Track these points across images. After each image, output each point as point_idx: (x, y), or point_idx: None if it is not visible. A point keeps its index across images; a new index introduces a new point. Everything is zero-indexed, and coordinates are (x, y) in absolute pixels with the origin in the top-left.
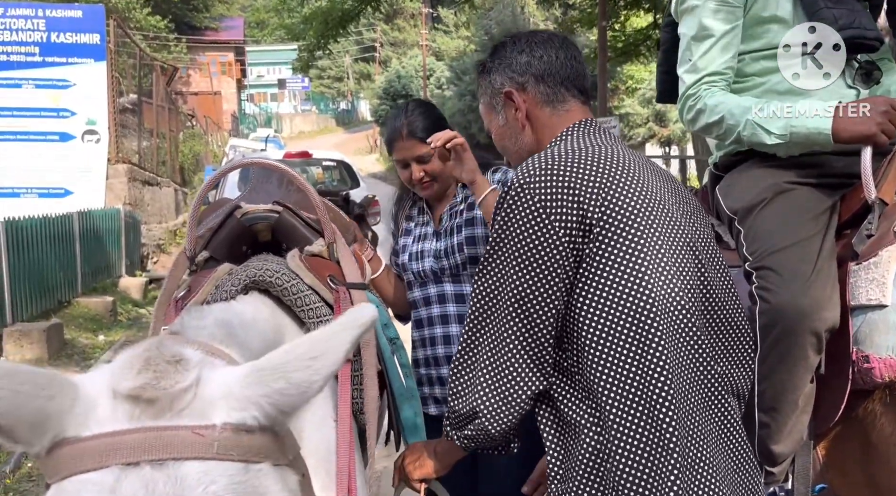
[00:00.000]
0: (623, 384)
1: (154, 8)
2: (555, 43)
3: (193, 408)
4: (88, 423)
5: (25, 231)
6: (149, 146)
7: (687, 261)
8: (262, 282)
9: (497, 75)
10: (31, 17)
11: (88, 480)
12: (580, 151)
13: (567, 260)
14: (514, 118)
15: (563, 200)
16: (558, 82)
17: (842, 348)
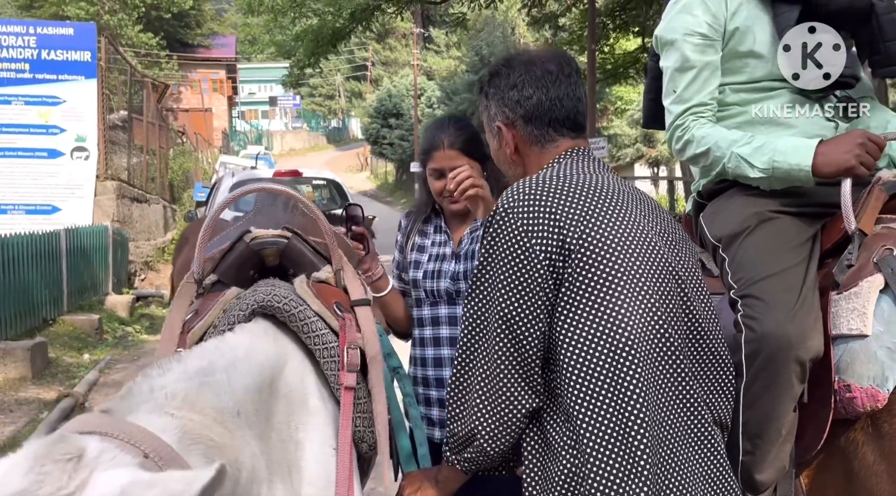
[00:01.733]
0: (596, 409)
1: (146, 25)
2: (549, 79)
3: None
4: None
5: (11, 248)
6: (138, 163)
7: (669, 287)
8: (270, 307)
9: (492, 104)
10: (21, 34)
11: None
12: (563, 179)
13: (547, 282)
14: (504, 149)
15: (543, 225)
16: (546, 123)
17: (824, 377)
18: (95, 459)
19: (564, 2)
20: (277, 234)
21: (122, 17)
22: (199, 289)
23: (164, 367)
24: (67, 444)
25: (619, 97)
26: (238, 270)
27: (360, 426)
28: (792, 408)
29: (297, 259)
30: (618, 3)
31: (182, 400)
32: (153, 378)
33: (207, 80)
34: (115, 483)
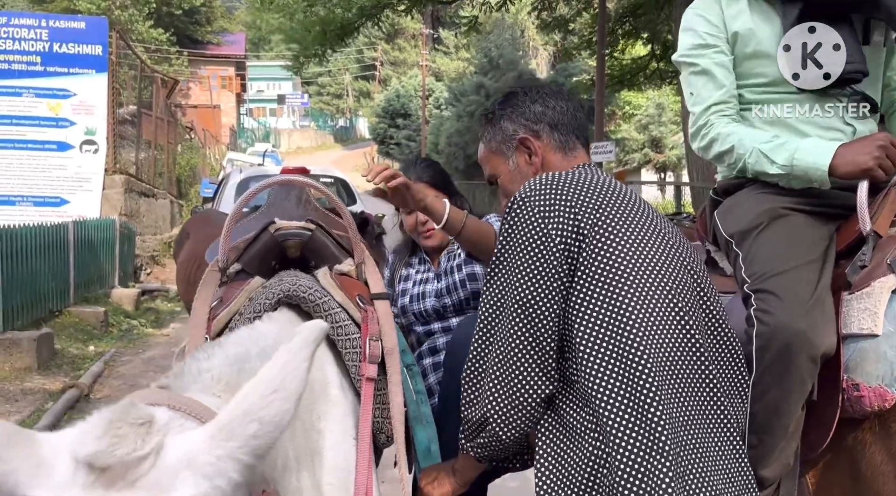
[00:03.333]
0: (614, 391)
1: (157, 21)
2: (563, 95)
3: (149, 480)
4: (45, 486)
5: (20, 239)
6: (146, 158)
7: (684, 278)
8: (296, 296)
9: (509, 123)
10: (34, 27)
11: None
12: (578, 176)
13: (563, 267)
14: (527, 163)
15: (559, 211)
16: (570, 130)
17: (832, 376)
18: (166, 425)
19: (575, 6)
20: (301, 226)
21: (132, 12)
22: (223, 278)
23: (208, 352)
24: (139, 410)
25: (628, 102)
26: (261, 260)
27: (379, 417)
28: (800, 405)
29: (319, 251)
30: (628, 8)
31: (225, 384)
32: (200, 361)
33: (216, 77)
34: (186, 446)
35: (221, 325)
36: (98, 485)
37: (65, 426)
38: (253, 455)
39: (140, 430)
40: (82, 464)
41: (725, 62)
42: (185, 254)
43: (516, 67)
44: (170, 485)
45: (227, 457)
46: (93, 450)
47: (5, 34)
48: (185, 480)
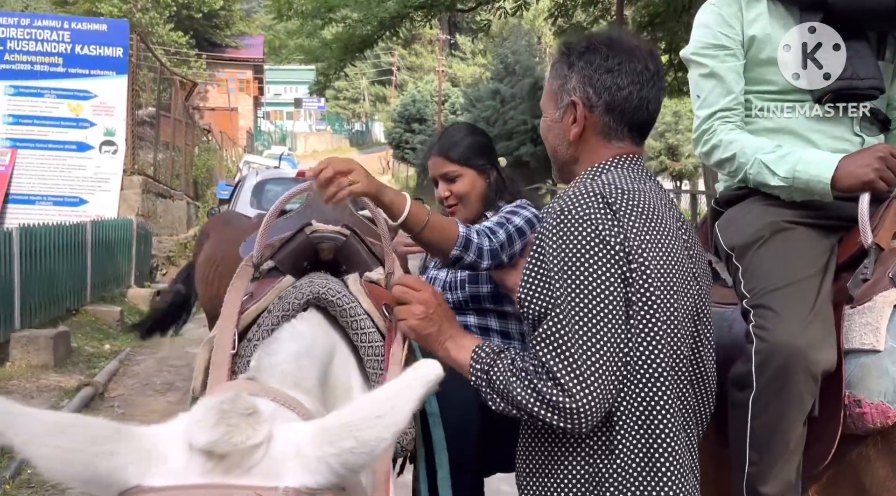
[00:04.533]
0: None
1: (177, 24)
2: (646, 76)
3: (261, 467)
4: (162, 474)
5: (39, 238)
6: (164, 159)
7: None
8: (325, 299)
9: (575, 76)
10: (56, 29)
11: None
12: (620, 192)
13: (622, 270)
14: (569, 126)
15: (609, 225)
16: (625, 121)
17: (834, 392)
18: (272, 416)
19: (592, 13)
20: (336, 231)
21: (153, 15)
22: (256, 274)
23: (271, 348)
24: (246, 401)
25: None
26: (294, 260)
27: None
28: (801, 422)
29: (352, 257)
30: (646, 16)
31: (291, 379)
32: (269, 356)
33: (234, 80)
34: (293, 437)
35: (249, 320)
36: (216, 472)
37: None
38: (343, 467)
39: (250, 420)
40: (198, 452)
41: (737, 67)
42: (204, 255)
43: (532, 74)
44: (280, 473)
45: (324, 459)
46: (210, 438)
47: (28, 35)
48: (293, 469)
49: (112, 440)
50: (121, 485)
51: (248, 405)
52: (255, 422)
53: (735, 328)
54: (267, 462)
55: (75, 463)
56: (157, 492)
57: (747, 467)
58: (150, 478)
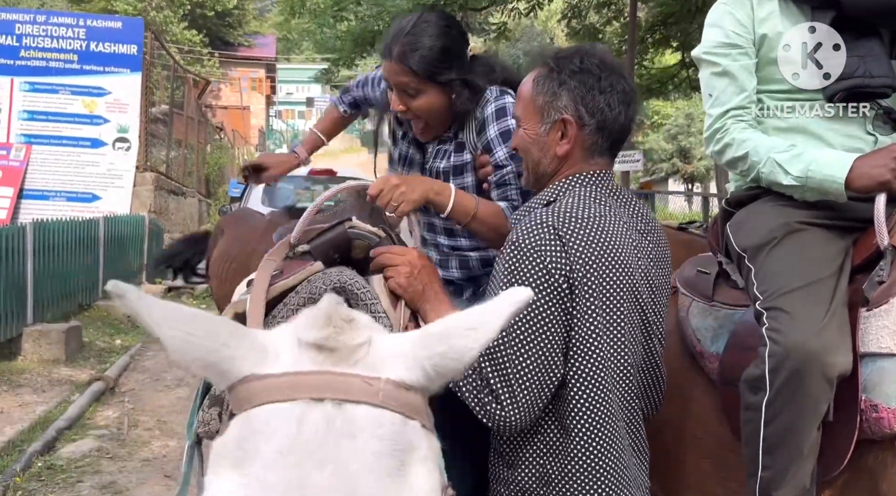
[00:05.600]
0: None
1: (190, 23)
2: (629, 97)
3: (366, 362)
4: (276, 364)
5: (52, 234)
6: (176, 156)
7: (633, 322)
8: (349, 290)
9: (566, 94)
10: (72, 26)
11: (279, 409)
12: (574, 220)
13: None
14: (556, 142)
15: (556, 257)
16: (610, 140)
17: (849, 396)
18: (368, 324)
19: (605, 15)
20: (373, 231)
21: (167, 13)
22: (290, 253)
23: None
24: (346, 310)
25: (656, 112)
26: (328, 250)
27: None
28: (815, 426)
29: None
30: (659, 17)
31: None
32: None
33: (247, 79)
34: (390, 342)
35: (274, 295)
36: (327, 363)
37: (91, 417)
38: (435, 370)
39: (351, 325)
40: (307, 347)
41: (749, 65)
42: (218, 252)
43: None
44: (382, 367)
45: (419, 360)
46: (320, 335)
47: (44, 32)
48: (393, 366)
49: (229, 335)
50: (236, 375)
51: (348, 314)
52: (356, 326)
53: (747, 332)
54: (370, 358)
55: (197, 349)
56: (273, 379)
57: (760, 471)
58: (265, 368)
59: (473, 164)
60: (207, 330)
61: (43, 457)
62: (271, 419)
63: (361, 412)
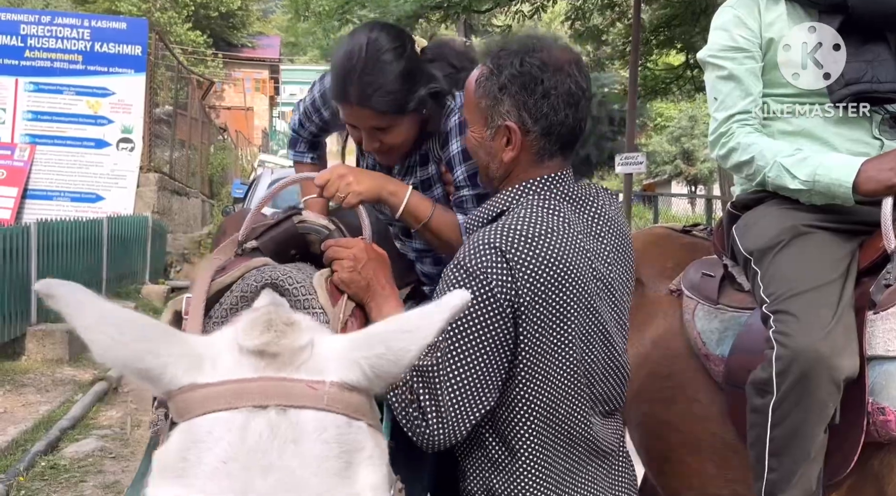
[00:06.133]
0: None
1: (194, 24)
2: (576, 97)
3: (308, 365)
4: (216, 372)
5: (56, 233)
6: (180, 157)
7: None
8: (281, 287)
9: (508, 99)
10: (76, 27)
11: (220, 418)
12: (521, 239)
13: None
14: (500, 147)
15: (502, 280)
16: (559, 142)
17: (856, 399)
18: (309, 327)
19: (609, 16)
20: (323, 224)
21: (171, 14)
22: (238, 250)
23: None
24: (287, 313)
25: (660, 114)
26: (278, 245)
27: None
28: (822, 429)
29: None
30: (663, 19)
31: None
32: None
33: (250, 80)
34: (330, 344)
35: (212, 292)
36: (269, 369)
37: (94, 417)
38: (373, 371)
39: (293, 328)
40: (248, 353)
41: (755, 69)
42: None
43: None
44: (325, 370)
45: (358, 361)
46: (261, 340)
47: (49, 33)
48: (335, 368)
49: (160, 340)
50: (168, 383)
51: (289, 317)
52: (297, 329)
53: (753, 335)
54: (313, 361)
55: (125, 354)
56: (214, 387)
57: (766, 474)
58: (204, 377)
59: (440, 175)
60: (136, 334)
61: (46, 457)
62: (214, 428)
63: (306, 417)
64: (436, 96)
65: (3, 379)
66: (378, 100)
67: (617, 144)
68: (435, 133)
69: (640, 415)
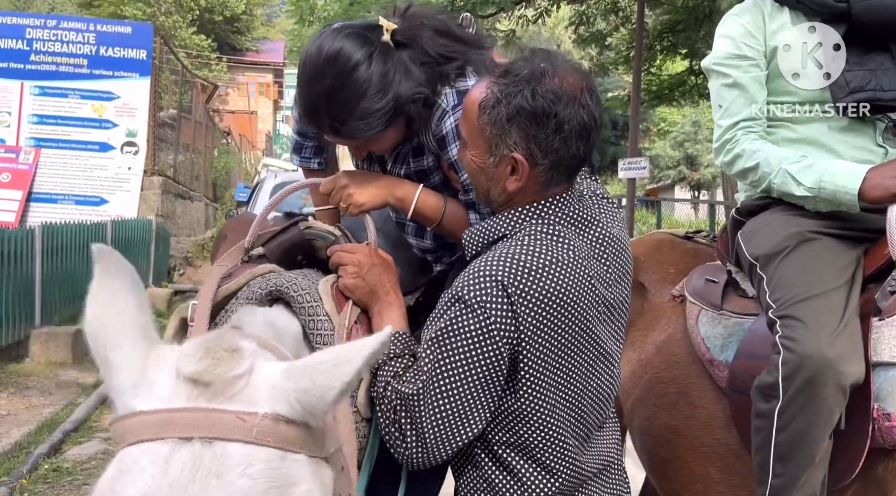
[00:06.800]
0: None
1: (199, 28)
2: (589, 126)
3: (243, 395)
4: (151, 398)
5: (60, 236)
6: (184, 160)
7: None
8: (286, 294)
9: (516, 131)
10: (82, 31)
11: (147, 449)
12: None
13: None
14: (505, 176)
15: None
16: (567, 173)
17: (862, 405)
18: (253, 353)
19: (612, 21)
20: (329, 231)
21: (176, 18)
22: (245, 257)
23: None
24: (228, 339)
25: (663, 119)
26: (284, 252)
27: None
28: (827, 435)
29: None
30: (666, 24)
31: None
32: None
33: (254, 84)
34: (268, 372)
35: (219, 298)
36: (202, 399)
37: (97, 420)
38: (300, 404)
39: (234, 355)
40: (184, 380)
41: (760, 77)
42: (220, 255)
43: None
44: (258, 401)
45: (287, 393)
46: (196, 368)
47: (54, 37)
48: (269, 399)
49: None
50: (116, 403)
51: (232, 342)
52: (238, 357)
53: (758, 341)
54: (248, 391)
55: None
56: (145, 416)
57: (771, 479)
58: (138, 403)
59: (437, 165)
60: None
61: (49, 460)
62: (140, 458)
63: (232, 450)
64: (416, 100)
65: (7, 381)
66: (352, 128)
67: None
68: (423, 128)
69: (643, 420)
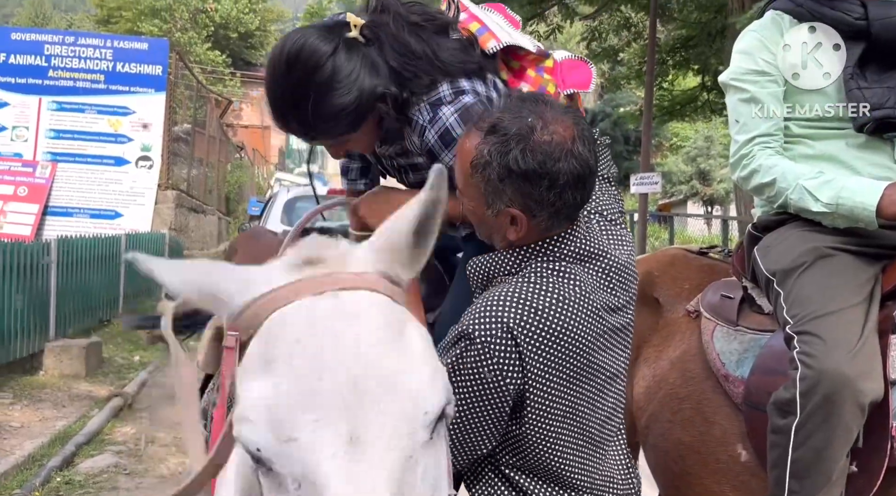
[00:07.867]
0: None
1: (214, 44)
2: (586, 175)
3: (352, 264)
4: (272, 285)
5: (75, 250)
6: (198, 175)
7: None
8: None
9: (510, 190)
10: (99, 47)
11: (288, 308)
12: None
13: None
14: (506, 226)
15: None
16: (568, 217)
17: (880, 423)
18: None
19: (625, 37)
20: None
21: (192, 34)
22: None
23: None
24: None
25: (675, 134)
26: None
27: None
28: (844, 453)
29: None
30: (679, 40)
31: None
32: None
33: None
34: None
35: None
36: (318, 271)
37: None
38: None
39: (332, 242)
40: (297, 267)
41: (777, 93)
42: None
43: None
44: (364, 265)
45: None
46: (308, 253)
47: (72, 53)
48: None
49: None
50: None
51: (321, 240)
52: (335, 244)
53: (774, 357)
54: (353, 261)
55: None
56: (275, 292)
57: (786, 495)
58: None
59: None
60: (200, 270)
61: (62, 472)
62: (286, 317)
63: (361, 295)
64: (384, 98)
65: (21, 394)
66: (319, 129)
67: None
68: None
69: (657, 437)
